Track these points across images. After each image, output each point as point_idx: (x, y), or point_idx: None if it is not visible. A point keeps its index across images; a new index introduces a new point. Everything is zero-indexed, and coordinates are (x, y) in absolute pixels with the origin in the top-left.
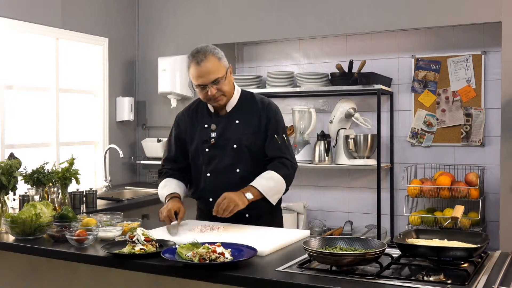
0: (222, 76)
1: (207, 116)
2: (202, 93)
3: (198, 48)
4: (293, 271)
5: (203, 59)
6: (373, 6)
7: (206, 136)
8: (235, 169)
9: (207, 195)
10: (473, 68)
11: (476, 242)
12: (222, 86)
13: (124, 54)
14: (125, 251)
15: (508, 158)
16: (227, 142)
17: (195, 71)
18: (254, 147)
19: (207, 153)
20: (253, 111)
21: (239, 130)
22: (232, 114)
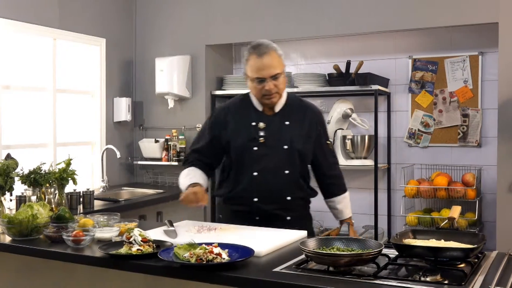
0: (281, 72)
1: (254, 113)
2: (258, 87)
3: (259, 41)
4: (290, 272)
5: (266, 52)
6: (370, 7)
7: (254, 134)
8: (284, 171)
9: (252, 194)
10: (470, 68)
11: (473, 242)
12: (279, 83)
13: (122, 54)
14: (122, 252)
15: (504, 158)
16: (277, 142)
17: (256, 63)
18: (304, 151)
19: (255, 152)
20: (304, 115)
21: (291, 132)
22: (281, 115)
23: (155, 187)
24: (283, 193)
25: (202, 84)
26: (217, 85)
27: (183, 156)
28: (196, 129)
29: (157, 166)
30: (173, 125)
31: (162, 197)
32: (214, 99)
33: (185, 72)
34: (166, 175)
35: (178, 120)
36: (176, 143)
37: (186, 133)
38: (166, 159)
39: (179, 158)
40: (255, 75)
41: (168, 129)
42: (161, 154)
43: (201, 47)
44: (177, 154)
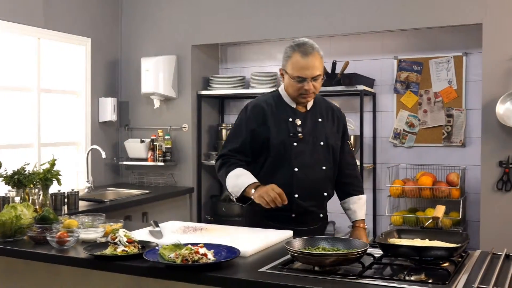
0: (321, 74)
1: (289, 110)
2: (298, 85)
3: (304, 40)
4: (276, 272)
5: (311, 52)
6: (356, 7)
7: (293, 130)
8: (321, 167)
9: (292, 190)
10: (454, 69)
11: (457, 241)
12: (318, 84)
13: (107, 54)
14: (107, 253)
15: (488, 158)
16: (314, 139)
17: (301, 62)
18: (336, 148)
19: (295, 148)
20: (330, 113)
21: (324, 129)
22: (312, 113)
23: (141, 187)
24: (321, 190)
25: (188, 84)
26: (203, 85)
27: (217, 157)
28: (182, 129)
29: (142, 166)
30: (159, 125)
31: (148, 198)
32: (200, 99)
33: (171, 72)
34: (152, 176)
35: (164, 120)
36: (162, 143)
37: (172, 133)
38: (151, 159)
39: (164, 159)
40: (297, 74)
41: (154, 129)
42: (146, 154)
43: (187, 47)
44: (162, 154)
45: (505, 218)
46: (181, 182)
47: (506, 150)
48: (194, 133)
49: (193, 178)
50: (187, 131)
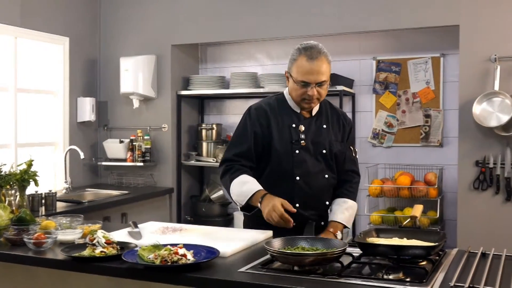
0: (327, 80)
1: (292, 115)
2: (301, 90)
3: (312, 44)
4: (255, 272)
5: (318, 56)
6: (335, 8)
7: (296, 137)
8: (324, 175)
9: (293, 200)
10: (432, 70)
11: (434, 240)
12: (322, 90)
13: (86, 53)
14: (85, 254)
15: (465, 158)
16: (317, 146)
17: (306, 66)
18: (340, 155)
19: (297, 155)
20: (336, 119)
21: (328, 136)
22: (317, 118)
23: (120, 188)
24: (323, 198)
25: (168, 84)
26: (183, 85)
27: (221, 162)
28: (162, 129)
29: (121, 167)
30: (138, 125)
31: (127, 198)
32: (180, 99)
33: (150, 72)
34: (131, 176)
35: (143, 120)
36: (141, 143)
37: (151, 133)
38: (131, 159)
39: (144, 159)
40: (301, 78)
41: (133, 129)
42: (126, 154)
43: (167, 46)
44: (142, 154)
45: (481, 217)
46: (161, 182)
47: (483, 150)
48: (173, 133)
49: (172, 178)
50: (167, 131)
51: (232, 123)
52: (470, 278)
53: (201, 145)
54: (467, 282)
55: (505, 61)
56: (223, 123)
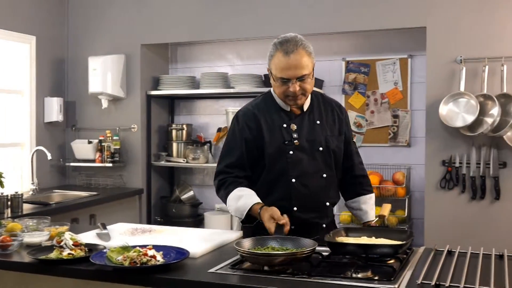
0: (309, 73)
1: (282, 114)
2: (282, 88)
3: (288, 37)
4: (225, 272)
5: (293, 50)
6: (305, 9)
7: (288, 137)
8: (321, 174)
9: (291, 203)
10: (400, 71)
11: (402, 239)
12: (306, 84)
13: (53, 52)
14: (52, 257)
15: (432, 157)
16: (312, 144)
17: (281, 62)
18: (338, 151)
19: (291, 156)
20: (330, 112)
21: (323, 132)
22: (309, 114)
23: (88, 189)
24: (322, 199)
25: (137, 84)
26: (152, 85)
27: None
28: (131, 130)
29: (90, 167)
30: (107, 125)
31: (96, 200)
32: (150, 99)
33: (119, 71)
34: (100, 177)
35: (112, 120)
36: (110, 144)
37: (120, 134)
38: (99, 160)
39: (113, 160)
40: (279, 75)
41: (102, 130)
42: (94, 155)
43: (136, 46)
44: (111, 155)
45: (447, 215)
46: (130, 183)
47: (449, 149)
48: (143, 133)
49: (142, 179)
50: (136, 131)
51: (203, 123)
52: (436, 276)
53: (171, 146)
54: (433, 280)
55: (470, 62)
56: (193, 123)
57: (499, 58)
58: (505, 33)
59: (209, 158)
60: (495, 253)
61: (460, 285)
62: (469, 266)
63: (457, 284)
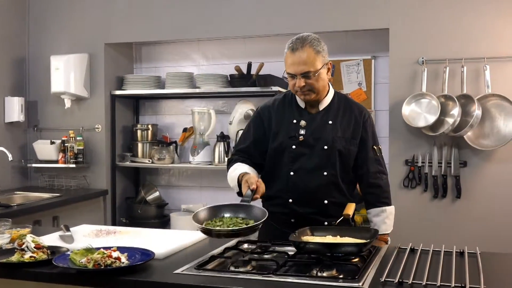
0: (315, 70)
1: (296, 111)
2: (291, 82)
3: (300, 35)
4: (190, 273)
5: (298, 48)
6: (270, 10)
7: (294, 132)
8: (322, 172)
9: (287, 195)
10: (364, 72)
11: (366, 237)
12: (312, 81)
13: (13, 51)
14: (13, 260)
15: (395, 157)
16: (317, 141)
17: (289, 58)
18: (347, 152)
19: (294, 150)
20: (350, 115)
21: (333, 132)
22: (324, 114)
23: (51, 190)
24: (319, 196)
25: (101, 84)
26: (117, 84)
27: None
28: (95, 130)
29: (53, 168)
30: (71, 125)
31: (59, 201)
32: (114, 99)
33: (82, 71)
34: (63, 178)
35: (75, 120)
36: (73, 144)
37: (84, 134)
38: (63, 161)
39: (76, 160)
40: (287, 70)
41: (65, 130)
42: (57, 156)
43: (100, 45)
44: (74, 156)
45: (410, 213)
46: (95, 184)
47: (412, 149)
48: (107, 134)
49: (107, 180)
50: (100, 131)
51: (168, 123)
52: (399, 273)
53: (136, 146)
54: (396, 277)
55: (432, 64)
56: (158, 123)
57: (459, 59)
58: (466, 35)
59: (174, 159)
60: (456, 251)
61: (423, 282)
62: (431, 263)
63: (419, 281)
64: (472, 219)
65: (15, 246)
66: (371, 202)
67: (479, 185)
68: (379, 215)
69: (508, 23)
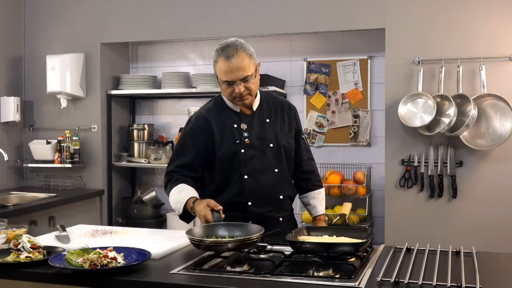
0: (252, 74)
1: (233, 115)
2: (228, 90)
3: (228, 42)
4: (187, 273)
5: (233, 54)
6: (267, 10)
7: (238, 137)
8: (274, 169)
9: (245, 199)
10: (360, 72)
11: (362, 237)
12: (250, 85)
13: (9, 50)
14: (9, 260)
15: (391, 157)
16: (262, 141)
17: (224, 66)
18: (289, 147)
19: (243, 154)
20: (280, 110)
21: (273, 130)
22: (259, 114)
23: (47, 190)
24: (275, 193)
25: (97, 84)
26: (113, 84)
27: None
28: (91, 130)
29: (49, 168)
30: (67, 125)
31: (55, 201)
32: (110, 99)
33: (79, 70)
34: (59, 178)
35: (71, 120)
36: (69, 144)
37: (80, 134)
38: (59, 161)
39: (72, 160)
40: (224, 78)
41: (61, 130)
42: (53, 156)
43: (96, 45)
44: (70, 156)
45: (407, 213)
46: (91, 184)
47: (408, 149)
48: (104, 133)
49: (103, 180)
50: (97, 131)
51: (164, 123)
52: (396, 273)
53: (132, 146)
54: (393, 277)
55: (428, 63)
56: (155, 123)
57: (455, 59)
58: (461, 35)
59: None
60: (452, 250)
61: (419, 282)
62: (427, 263)
63: (415, 281)
64: (468, 219)
65: (11, 246)
66: (305, 187)
67: (475, 184)
68: (315, 197)
69: (504, 23)
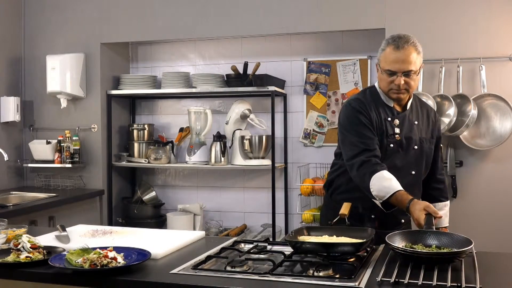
0: (416, 70)
1: (387, 109)
2: (388, 80)
3: (401, 34)
4: (187, 273)
5: (404, 46)
6: (267, 10)
7: (391, 130)
8: (410, 171)
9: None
10: (360, 71)
11: (362, 237)
12: (410, 80)
13: (9, 50)
14: (9, 260)
15: None
16: (408, 142)
17: (391, 55)
18: (429, 153)
19: (390, 149)
20: (426, 115)
21: (419, 133)
22: (410, 114)
23: (47, 190)
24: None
25: (97, 84)
26: (113, 84)
27: (351, 157)
28: (91, 130)
29: (49, 168)
30: (66, 125)
31: (55, 201)
32: (110, 99)
33: (79, 70)
34: (59, 178)
35: (71, 120)
36: (69, 144)
37: (80, 134)
38: (59, 161)
39: (72, 160)
40: (387, 67)
41: (61, 130)
42: (53, 156)
43: (96, 45)
44: (70, 156)
45: None
46: (91, 184)
47: None
48: (104, 133)
49: (103, 180)
50: (97, 131)
51: (165, 123)
52: (395, 273)
53: (132, 146)
54: (392, 277)
55: (428, 63)
56: (155, 123)
57: (455, 59)
58: (461, 35)
59: (171, 158)
60: None
61: (419, 282)
62: None
63: (415, 281)
64: (468, 219)
65: (11, 246)
66: (435, 197)
67: (475, 184)
68: (443, 209)
69: (504, 23)
